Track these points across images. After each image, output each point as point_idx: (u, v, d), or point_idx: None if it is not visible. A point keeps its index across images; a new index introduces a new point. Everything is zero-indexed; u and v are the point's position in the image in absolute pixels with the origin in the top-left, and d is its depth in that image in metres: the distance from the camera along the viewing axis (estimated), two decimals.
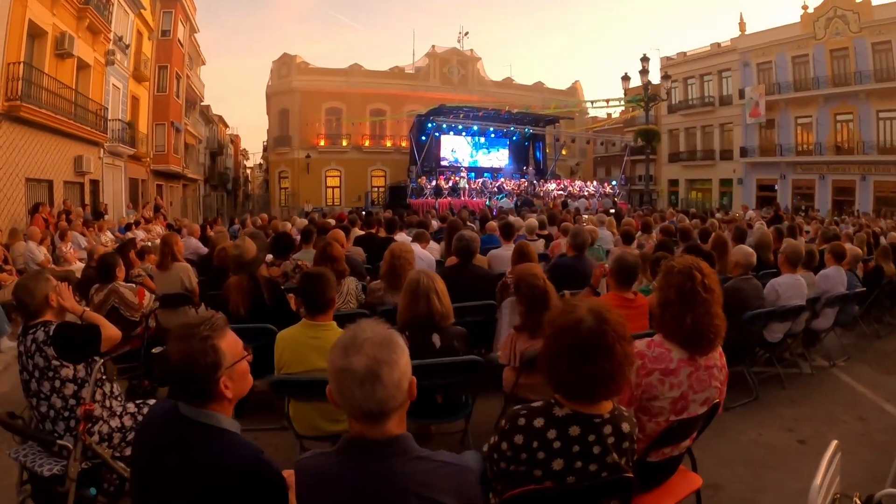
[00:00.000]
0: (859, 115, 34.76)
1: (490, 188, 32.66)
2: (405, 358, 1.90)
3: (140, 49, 28.80)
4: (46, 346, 3.55)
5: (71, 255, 12.42)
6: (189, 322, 2.16)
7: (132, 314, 6.04)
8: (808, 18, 36.60)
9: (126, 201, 26.32)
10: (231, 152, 63.81)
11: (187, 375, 2.07)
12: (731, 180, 41.88)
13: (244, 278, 5.55)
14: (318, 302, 4.22)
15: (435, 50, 46.36)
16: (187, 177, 38.84)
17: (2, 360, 7.96)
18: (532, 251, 6.50)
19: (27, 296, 3.67)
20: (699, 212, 23.05)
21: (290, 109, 43.42)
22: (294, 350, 4.05)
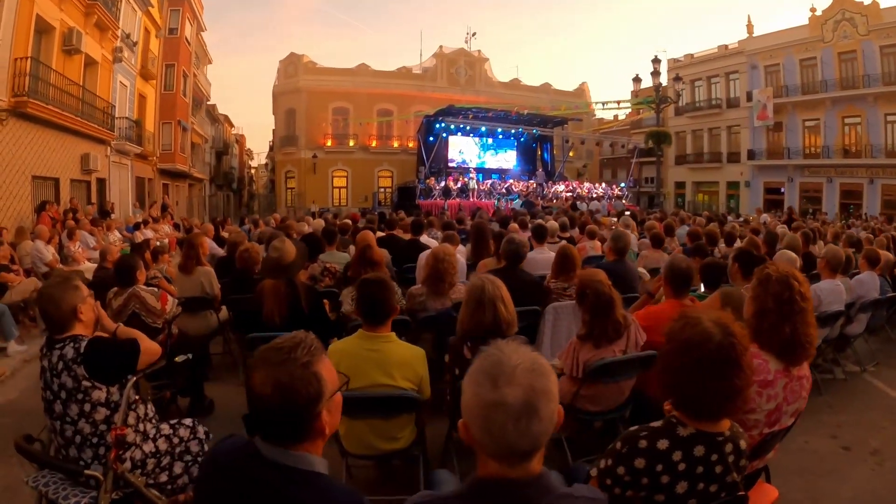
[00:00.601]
0: (867, 119, 34.31)
1: (499, 189, 32.16)
2: (556, 384, 1.69)
3: (147, 47, 28.27)
4: (76, 364, 3.07)
5: (79, 254, 11.90)
6: (279, 345, 1.78)
7: (154, 320, 5.50)
8: (815, 21, 36.25)
9: (132, 200, 25.91)
10: (236, 152, 63.32)
11: (283, 410, 1.71)
12: (738, 183, 41.36)
13: (281, 283, 5.06)
14: (379, 311, 3.82)
15: (442, 50, 45.97)
16: (193, 176, 38.46)
17: (9, 364, 7.49)
18: (577, 255, 6.20)
19: (51, 306, 3.18)
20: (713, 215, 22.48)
21: (296, 109, 43.00)
22: (351, 364, 3.59)
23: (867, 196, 34.48)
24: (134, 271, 5.56)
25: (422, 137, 35.22)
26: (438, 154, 33.86)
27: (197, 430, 3.59)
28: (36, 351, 8.16)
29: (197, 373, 5.77)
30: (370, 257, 5.70)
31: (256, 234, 11.16)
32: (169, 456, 3.38)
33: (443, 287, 5.42)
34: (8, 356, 7.69)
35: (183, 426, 3.56)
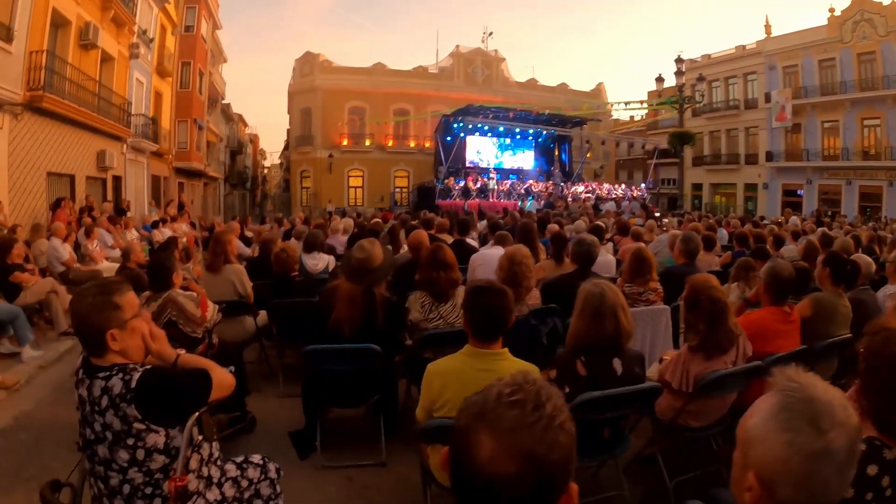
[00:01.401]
0: (887, 120, 33.71)
1: (518, 190, 31.69)
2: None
3: (163, 44, 27.59)
4: (126, 402, 2.36)
5: (97, 253, 11.18)
6: (515, 398, 1.19)
7: (194, 329, 4.76)
8: (834, 21, 35.64)
9: (148, 198, 25.12)
10: (250, 151, 62.70)
11: (536, 496, 1.15)
12: (756, 185, 40.70)
13: (358, 290, 4.53)
14: (497, 325, 3.22)
15: (459, 50, 45.24)
16: (208, 175, 37.76)
17: (24, 371, 6.76)
18: (652, 258, 5.88)
19: (83, 325, 2.46)
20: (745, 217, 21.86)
21: (312, 108, 42.34)
22: (460, 387, 3.05)
23: (887, 199, 33.64)
24: (170, 273, 4.86)
25: (439, 137, 34.73)
26: (456, 154, 33.45)
27: (268, 469, 2.95)
28: (52, 356, 7.56)
29: (238, 386, 5.05)
30: (443, 259, 4.98)
31: (293, 233, 10.48)
32: (237, 503, 2.76)
33: (519, 292, 4.78)
34: (23, 362, 6.97)
35: (252, 465, 2.91)
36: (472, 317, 3.23)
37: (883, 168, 33.85)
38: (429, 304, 4.90)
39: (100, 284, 2.51)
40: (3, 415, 5.72)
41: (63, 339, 7.97)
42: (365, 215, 20.76)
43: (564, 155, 39.77)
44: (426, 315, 4.86)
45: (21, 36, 14.28)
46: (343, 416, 5.32)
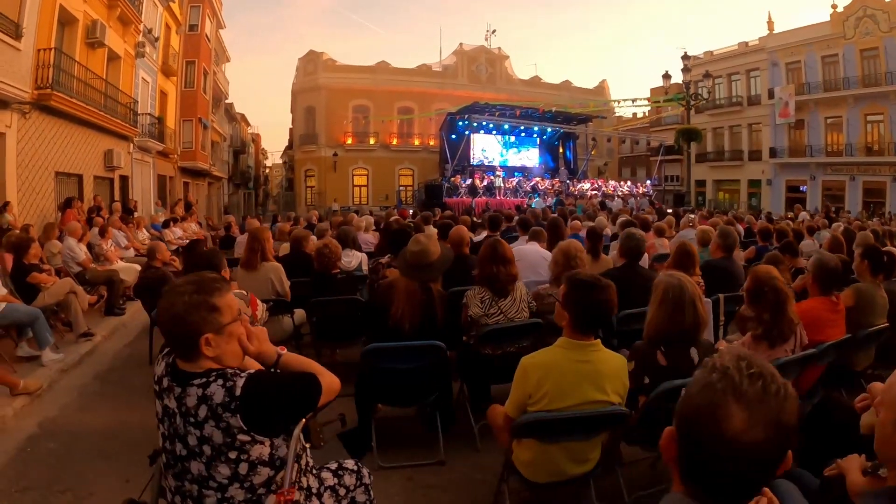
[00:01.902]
0: (890, 116, 33.54)
1: (525, 188, 31.35)
2: None
3: (168, 43, 27.16)
4: (230, 412, 2.04)
5: (112, 253, 10.82)
6: (758, 371, 1.29)
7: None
8: (837, 18, 35.47)
9: (154, 199, 24.79)
10: (252, 151, 62.24)
11: (778, 458, 1.31)
12: (760, 181, 40.53)
13: (415, 286, 4.39)
14: (604, 317, 3.29)
15: (462, 48, 45.00)
16: (213, 175, 37.39)
17: (45, 375, 6.40)
18: (695, 251, 5.83)
19: (176, 327, 2.13)
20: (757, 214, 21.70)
21: (316, 107, 42.03)
22: (561, 380, 3.08)
23: (890, 194, 33.53)
24: (220, 271, 4.49)
25: (445, 135, 34.43)
26: (461, 152, 33.12)
27: (362, 475, 2.71)
28: (73, 359, 7.21)
29: None
30: (503, 254, 4.83)
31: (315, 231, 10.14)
32: None
33: None
34: (43, 366, 6.62)
35: (347, 471, 2.66)
36: (577, 311, 3.15)
37: (886, 163, 33.70)
38: (489, 299, 4.78)
39: (197, 282, 2.18)
40: (27, 422, 5.42)
41: (83, 342, 7.64)
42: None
43: (569, 152, 39.42)
44: (486, 310, 4.74)
45: (29, 33, 13.92)
46: (393, 415, 5.07)
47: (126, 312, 9.60)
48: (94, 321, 8.54)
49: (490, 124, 34.32)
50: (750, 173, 41.37)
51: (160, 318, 2.14)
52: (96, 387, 6.46)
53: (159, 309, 2.14)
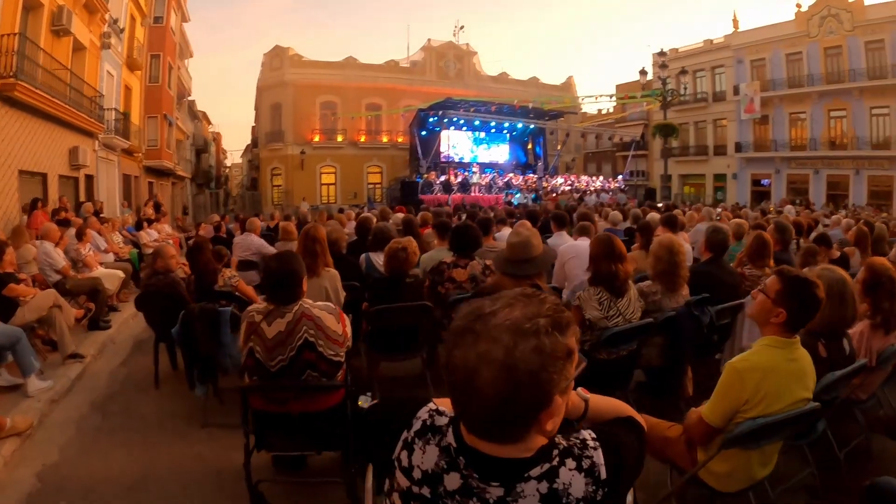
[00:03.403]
0: (853, 112, 34.54)
1: (498, 183, 30.74)
2: None
3: (133, 35, 25.39)
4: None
5: (91, 258, 9.49)
6: None
7: (336, 351, 3.47)
8: (801, 17, 36.39)
9: (120, 199, 23.14)
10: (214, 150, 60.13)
11: None
12: (725, 175, 41.16)
13: (524, 285, 3.28)
14: (813, 314, 3.00)
15: (431, 44, 43.99)
16: (177, 174, 35.54)
17: (34, 409, 5.21)
18: (771, 243, 5.88)
19: (515, 394, 1.22)
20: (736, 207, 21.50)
21: (282, 104, 40.42)
22: (779, 379, 2.89)
23: (853, 187, 34.42)
24: (301, 279, 3.49)
25: (415, 131, 33.32)
26: (431, 148, 32.20)
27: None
28: (63, 386, 5.69)
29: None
30: (620, 251, 4.31)
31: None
32: None
33: (679, 282, 4.74)
34: (29, 397, 5.39)
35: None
36: (795, 308, 2.94)
37: (849, 157, 34.48)
38: (607, 300, 4.27)
39: (546, 310, 1.28)
40: (23, 472, 4.27)
41: (70, 363, 6.38)
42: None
43: (539, 148, 38.90)
44: (605, 313, 4.24)
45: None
46: None
47: (112, 325, 8.37)
48: (78, 337, 7.22)
49: (461, 120, 33.44)
50: (715, 168, 41.88)
51: (456, 375, 1.27)
52: (96, 420, 5.24)
53: (454, 359, 1.27)
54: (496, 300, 1.31)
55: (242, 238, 9.28)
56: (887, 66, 32.53)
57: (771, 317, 2.99)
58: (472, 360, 1.22)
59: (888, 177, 33.11)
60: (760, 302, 3.07)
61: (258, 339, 3.35)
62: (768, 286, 3.07)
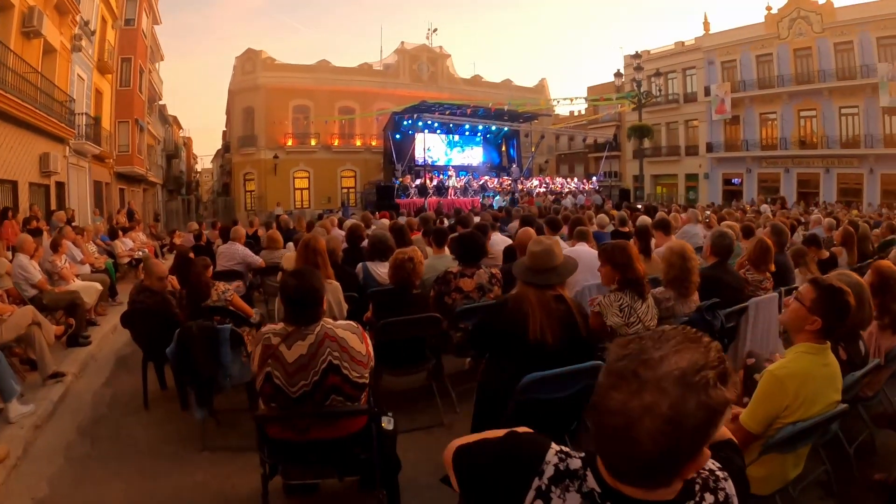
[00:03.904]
0: (822, 112, 35.15)
1: (473, 186, 30.58)
2: None
3: (104, 37, 24.77)
4: None
5: (67, 271, 9.03)
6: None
7: (361, 373, 3.20)
8: (771, 19, 36.93)
9: (92, 207, 22.43)
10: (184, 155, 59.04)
11: None
12: (697, 175, 41.57)
13: (548, 296, 3.56)
14: (844, 321, 3.07)
15: (404, 46, 43.63)
16: (148, 180, 34.69)
17: (17, 437, 4.79)
18: (773, 248, 5.85)
19: (676, 442, 1.17)
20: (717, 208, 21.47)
21: (255, 107, 39.78)
22: (816, 385, 2.95)
23: (823, 185, 35.16)
24: (321, 297, 3.21)
25: (390, 135, 33.09)
26: (406, 152, 31.95)
27: None
28: (46, 410, 5.20)
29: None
30: (636, 253, 4.41)
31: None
32: None
33: (690, 287, 4.66)
34: (11, 423, 4.98)
35: None
36: (834, 316, 3.03)
37: (819, 156, 35.05)
38: (627, 307, 4.20)
39: (700, 350, 1.22)
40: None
41: (51, 384, 5.96)
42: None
43: (513, 150, 38.76)
44: (626, 319, 4.18)
45: None
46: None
47: (92, 341, 7.91)
48: (57, 355, 6.74)
49: (435, 123, 33.30)
50: (687, 168, 42.29)
51: (611, 420, 1.20)
52: (85, 447, 4.82)
53: (611, 403, 1.20)
54: (661, 341, 1.22)
55: (227, 247, 8.89)
56: (856, 67, 33.08)
57: (806, 324, 3.06)
58: (635, 410, 1.16)
59: (857, 174, 33.84)
60: (795, 310, 3.12)
61: (277, 364, 3.05)
62: (803, 295, 3.11)
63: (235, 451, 4.50)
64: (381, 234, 6.46)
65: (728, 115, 38.42)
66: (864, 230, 9.30)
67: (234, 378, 4.79)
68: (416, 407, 5.26)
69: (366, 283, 6.12)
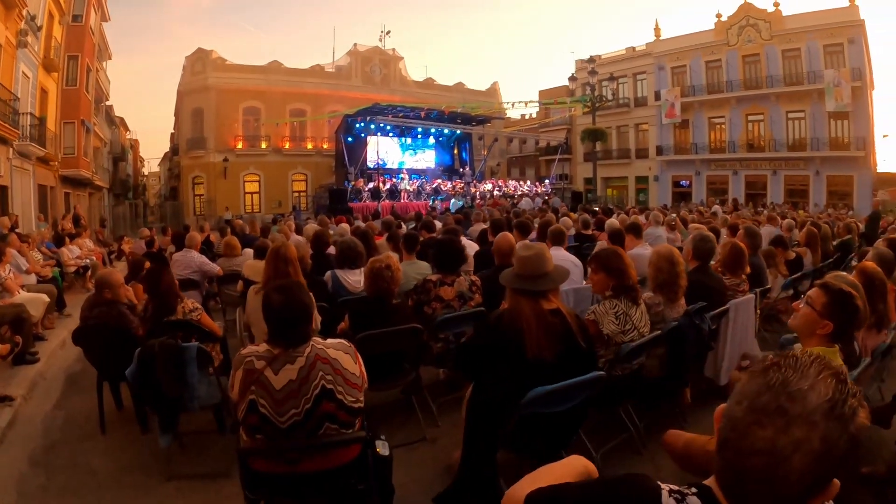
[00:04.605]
0: (770, 116, 36.19)
1: (426, 189, 30.32)
2: None
3: (51, 33, 23.73)
4: None
5: (12, 282, 8.43)
6: None
7: (357, 398, 2.93)
8: (721, 26, 37.92)
9: (36, 212, 21.44)
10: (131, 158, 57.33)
11: None
12: (647, 178, 42.26)
13: (544, 307, 3.41)
14: (854, 324, 3.13)
15: (357, 48, 43.17)
16: (94, 184, 33.39)
17: None
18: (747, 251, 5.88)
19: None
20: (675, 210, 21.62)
21: (204, 109, 38.78)
22: None
23: (771, 186, 36.10)
24: (311, 314, 2.95)
25: (342, 138, 32.44)
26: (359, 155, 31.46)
27: None
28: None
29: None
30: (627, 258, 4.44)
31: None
32: None
33: (679, 292, 4.67)
34: None
35: None
36: (845, 320, 3.05)
37: (766, 159, 36.32)
38: (623, 314, 4.17)
39: (851, 394, 1.17)
40: None
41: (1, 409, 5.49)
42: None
43: (465, 153, 38.54)
44: (623, 327, 4.14)
45: None
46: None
47: (40, 358, 7.30)
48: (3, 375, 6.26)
49: (388, 126, 32.75)
50: (637, 170, 43.02)
51: (755, 459, 1.14)
52: (40, 478, 4.33)
53: (756, 441, 1.14)
54: (801, 370, 1.17)
55: (182, 255, 8.44)
56: (803, 73, 34.16)
57: (817, 328, 3.07)
58: (785, 447, 1.11)
59: (804, 176, 34.96)
60: (806, 314, 3.12)
61: (262, 391, 2.71)
62: (814, 299, 3.11)
63: (204, 478, 4.15)
64: (351, 241, 6.15)
65: (678, 119, 39.12)
66: (825, 231, 9.56)
67: (201, 399, 4.39)
68: (393, 422, 4.96)
69: (336, 291, 5.83)
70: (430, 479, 4.03)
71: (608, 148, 43.80)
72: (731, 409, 1.19)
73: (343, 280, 5.89)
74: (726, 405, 1.22)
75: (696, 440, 2.94)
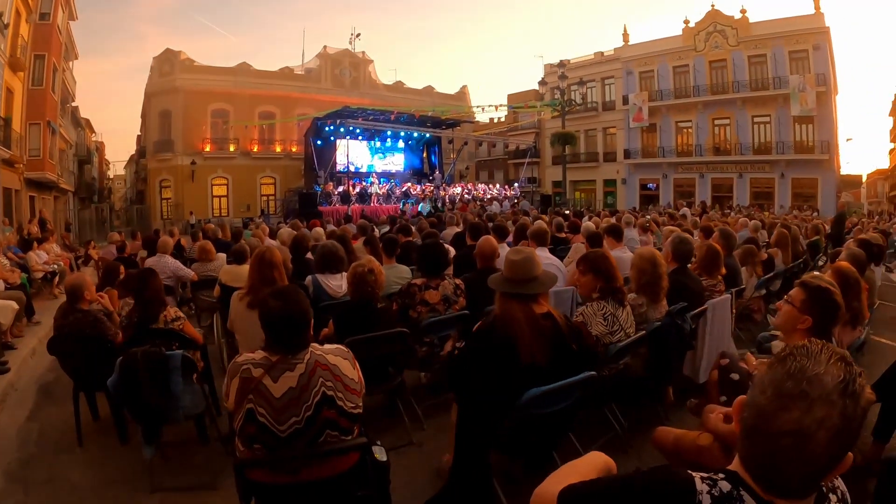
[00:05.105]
0: (736, 120, 37.28)
1: (396, 193, 30.32)
2: None
3: (18, 32, 23.14)
4: None
5: None
6: None
7: (356, 403, 2.88)
8: (689, 32, 38.93)
9: (1, 216, 20.86)
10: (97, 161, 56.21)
11: None
12: (615, 181, 42.92)
13: (533, 311, 3.38)
14: (833, 319, 3.25)
15: (327, 51, 42.85)
16: (60, 187, 32.47)
17: None
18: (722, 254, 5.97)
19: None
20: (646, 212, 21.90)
21: (172, 111, 38.07)
22: None
23: (737, 189, 37.25)
24: (309, 320, 2.85)
25: (311, 141, 32.35)
26: (328, 158, 31.28)
27: None
28: None
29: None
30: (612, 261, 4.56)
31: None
32: None
33: (661, 293, 4.70)
34: None
35: None
36: (823, 314, 3.18)
37: (732, 162, 37.41)
38: (610, 315, 4.21)
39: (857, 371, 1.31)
40: None
41: None
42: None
43: (434, 157, 38.39)
44: (610, 328, 4.18)
45: None
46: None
47: (10, 367, 7.06)
48: None
49: (357, 129, 32.29)
50: (605, 173, 43.78)
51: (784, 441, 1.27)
52: (18, 495, 4.14)
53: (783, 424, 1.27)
54: (814, 357, 1.30)
55: (155, 260, 8.22)
56: (769, 79, 35.15)
57: (798, 324, 3.20)
58: (810, 426, 1.23)
59: (769, 179, 35.95)
60: (786, 312, 3.28)
61: (261, 400, 2.63)
62: (793, 297, 3.27)
63: (189, 490, 4.04)
64: (331, 245, 6.05)
65: (645, 123, 39.85)
66: (794, 232, 9.80)
67: (186, 409, 4.26)
68: (378, 427, 4.86)
69: (317, 296, 5.72)
70: (420, 483, 4.00)
71: (577, 151, 43.99)
72: (756, 399, 1.30)
73: (324, 285, 5.79)
74: (747, 397, 1.34)
75: (686, 436, 3.00)
